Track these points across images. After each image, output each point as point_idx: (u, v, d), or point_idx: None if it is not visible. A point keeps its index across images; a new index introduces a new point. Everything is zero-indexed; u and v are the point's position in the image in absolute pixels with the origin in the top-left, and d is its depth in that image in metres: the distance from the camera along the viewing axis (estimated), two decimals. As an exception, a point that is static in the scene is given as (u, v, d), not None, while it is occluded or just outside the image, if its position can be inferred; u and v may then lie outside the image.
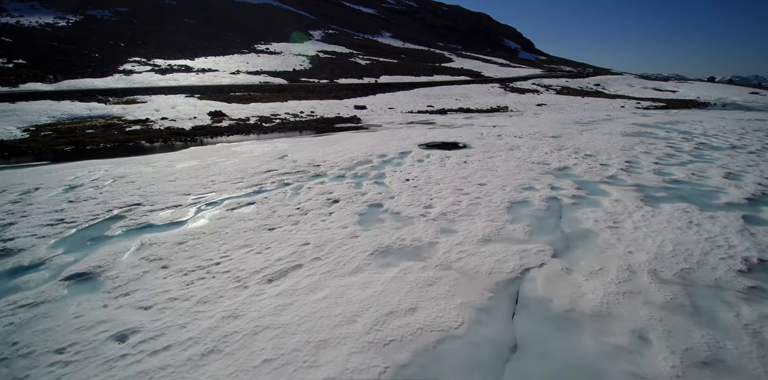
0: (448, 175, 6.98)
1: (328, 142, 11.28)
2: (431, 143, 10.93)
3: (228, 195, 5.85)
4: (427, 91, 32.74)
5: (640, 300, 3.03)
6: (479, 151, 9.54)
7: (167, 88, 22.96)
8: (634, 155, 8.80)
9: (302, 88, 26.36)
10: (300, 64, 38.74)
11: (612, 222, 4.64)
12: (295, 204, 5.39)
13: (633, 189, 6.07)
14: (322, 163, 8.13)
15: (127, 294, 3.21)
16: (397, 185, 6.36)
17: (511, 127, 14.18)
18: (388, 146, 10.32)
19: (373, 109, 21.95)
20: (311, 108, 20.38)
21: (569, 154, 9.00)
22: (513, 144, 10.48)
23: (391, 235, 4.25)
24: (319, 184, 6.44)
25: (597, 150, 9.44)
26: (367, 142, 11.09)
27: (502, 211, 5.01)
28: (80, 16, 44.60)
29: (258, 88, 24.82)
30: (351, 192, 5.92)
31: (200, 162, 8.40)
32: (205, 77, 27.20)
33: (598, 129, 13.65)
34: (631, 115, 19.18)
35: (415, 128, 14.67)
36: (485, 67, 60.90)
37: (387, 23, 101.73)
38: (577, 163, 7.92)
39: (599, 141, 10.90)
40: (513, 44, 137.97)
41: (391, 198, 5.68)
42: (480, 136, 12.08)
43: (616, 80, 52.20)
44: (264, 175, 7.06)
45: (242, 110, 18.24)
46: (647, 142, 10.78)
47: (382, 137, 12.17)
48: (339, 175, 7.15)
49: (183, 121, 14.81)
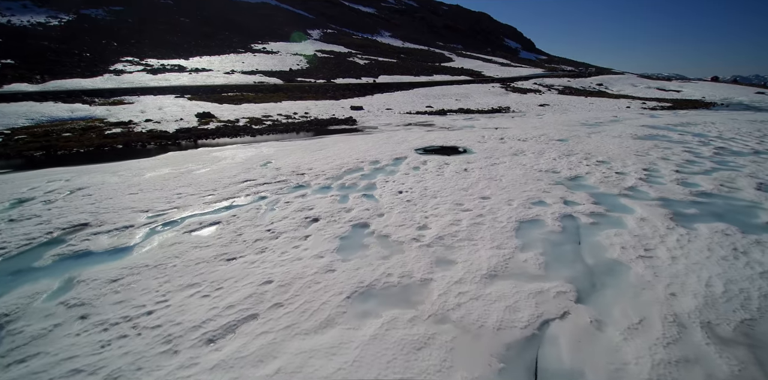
0: (446, 186, 6.21)
1: (319, 146, 10.51)
2: (429, 147, 10.15)
3: (191, 213, 5.07)
4: (427, 91, 31.96)
5: (700, 375, 2.25)
6: (481, 156, 8.76)
7: (157, 88, 22.19)
8: (651, 162, 8.02)
9: (298, 88, 25.58)
10: (297, 64, 37.93)
11: (643, 250, 3.87)
12: (267, 224, 4.61)
13: (658, 204, 5.29)
14: (307, 171, 7.35)
15: (23, 361, 2.44)
16: (388, 199, 5.59)
17: (514, 130, 13.40)
18: (382, 151, 9.54)
19: (370, 109, 21.17)
20: (305, 109, 19.60)
21: (580, 160, 8.22)
22: (517, 148, 9.71)
23: (375, 269, 3.47)
24: (299, 198, 5.67)
25: (609, 155, 8.66)
26: (360, 147, 10.32)
27: (509, 234, 4.23)
28: (73, 15, 43.82)
29: (252, 88, 24.04)
30: (334, 208, 5.14)
31: (173, 170, 7.63)
32: (197, 77, 26.42)
33: (607, 131, 12.87)
34: (638, 116, 18.40)
35: (413, 130, 13.90)
36: (486, 66, 60.09)
37: (386, 23, 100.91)
38: (590, 172, 7.14)
39: (610, 145, 10.12)
40: (513, 44, 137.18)
41: (380, 215, 4.91)
42: (481, 140, 11.31)
43: (619, 80, 51.38)
44: (239, 186, 6.28)
45: (233, 111, 17.46)
46: (662, 146, 9.99)
47: (377, 140, 11.40)
48: (324, 185, 6.37)
49: (167, 123, 14.04)
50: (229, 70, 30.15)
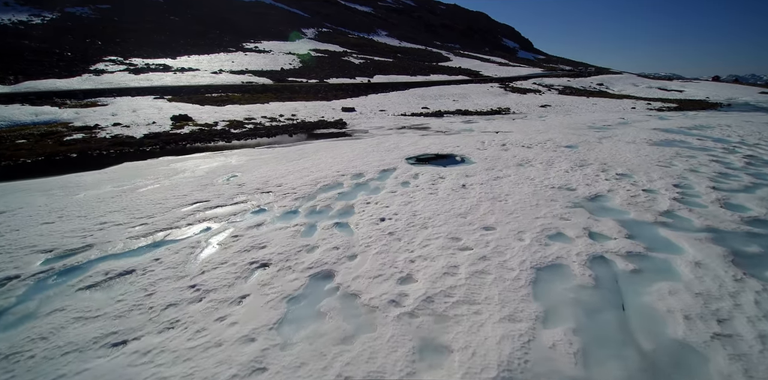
0: (440, 210, 5.04)
1: (298, 155, 9.31)
2: (422, 156, 8.98)
3: (105, 253, 3.88)
4: (423, 91, 30.79)
5: None
6: (481, 167, 7.60)
7: (137, 89, 20.91)
8: (680, 175, 6.88)
9: (287, 89, 24.35)
10: (289, 63, 36.65)
11: (716, 322, 2.72)
12: (195, 274, 3.43)
13: (708, 238, 4.14)
14: (275, 189, 6.17)
15: None
16: (366, 230, 4.41)
17: (517, 134, 12.25)
18: (369, 161, 8.36)
19: (363, 111, 19.97)
20: (293, 110, 18.38)
21: (596, 172, 7.07)
22: (522, 157, 8.55)
23: (327, 366, 2.29)
24: (253, 229, 4.48)
25: (629, 166, 7.51)
26: (344, 155, 9.13)
27: (524, 292, 3.07)
28: (58, 13, 42.32)
29: (238, 88, 22.80)
30: (293, 247, 3.96)
31: (115, 187, 6.42)
32: (182, 77, 25.12)
33: (618, 136, 11.75)
34: (647, 118, 17.29)
35: (406, 135, 12.72)
36: (484, 66, 58.98)
37: (383, 22, 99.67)
38: (612, 189, 5.99)
39: (626, 153, 8.98)
40: (511, 43, 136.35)
41: (352, 258, 3.73)
42: (481, 146, 10.15)
43: (619, 79, 50.41)
44: (184, 211, 5.08)
45: (213, 113, 16.22)
46: (684, 154, 8.87)
47: (365, 147, 10.22)
48: (290, 209, 5.19)
49: (137, 128, 12.79)
50: (216, 70, 28.84)
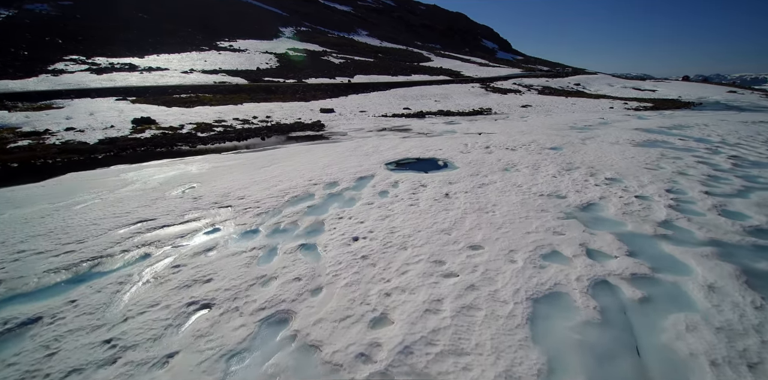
0: (421, 226, 4.48)
1: (268, 161, 8.58)
2: (403, 161, 8.43)
3: (9, 294, 3.12)
4: (405, 91, 30.34)
5: None
6: (465, 173, 7.12)
7: (98, 89, 19.47)
8: (669, 178, 6.60)
9: (263, 89, 23.34)
10: (266, 63, 35.43)
11: (747, 370, 2.27)
12: (116, 321, 2.73)
13: (715, 253, 3.76)
14: (236, 202, 5.46)
15: None
16: (335, 254, 3.81)
17: (500, 135, 11.90)
18: (346, 167, 7.75)
19: (342, 112, 19.28)
20: (268, 112, 17.50)
21: (584, 176, 6.70)
22: (507, 160, 8.13)
23: None
24: (200, 256, 3.79)
25: (617, 170, 7.20)
26: (319, 160, 8.48)
27: (522, 336, 2.54)
28: (15, 10, 39.49)
29: (210, 88, 21.64)
30: (245, 280, 3.31)
31: (50, 204, 5.55)
32: (149, 77, 23.66)
33: (601, 136, 11.57)
34: (626, 118, 17.38)
35: (387, 137, 12.16)
36: (465, 66, 59.21)
37: (363, 21, 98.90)
38: (604, 196, 5.60)
39: (612, 154, 8.72)
40: (490, 44, 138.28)
41: (316, 293, 3.12)
42: (464, 148, 9.70)
43: (595, 79, 51.60)
44: (123, 233, 4.33)
45: (180, 116, 15.16)
46: (669, 155, 8.68)
47: (343, 151, 9.59)
48: (249, 228, 4.51)
49: (92, 133, 11.69)
50: (187, 69, 27.41)
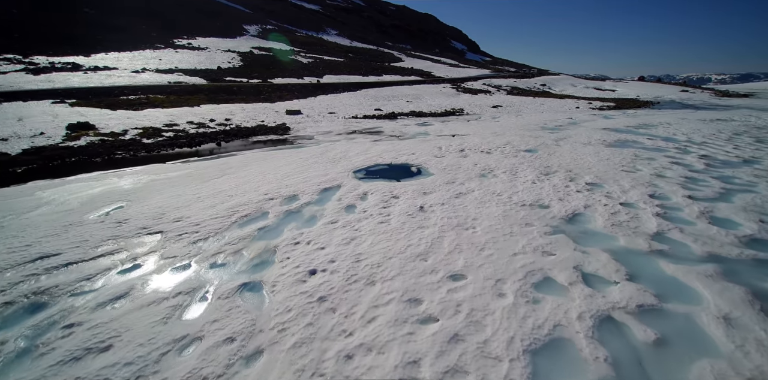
0: (392, 250, 3.82)
1: (219, 171, 7.60)
2: (373, 168, 7.73)
3: None
4: (376, 92, 29.68)
5: None
6: (440, 180, 6.54)
7: (33, 92, 17.28)
8: (648, 181, 6.35)
9: (223, 90, 21.82)
10: (228, 62, 33.52)
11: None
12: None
13: (718, 272, 3.36)
14: (170, 226, 4.54)
15: None
16: (284, 297, 3.05)
17: (474, 137, 11.50)
18: (310, 176, 6.95)
19: (310, 114, 18.30)
20: (228, 114, 16.21)
21: (564, 182, 6.31)
22: (484, 165, 7.65)
23: None
24: (106, 307, 2.91)
25: (596, 173, 6.89)
26: (279, 169, 7.61)
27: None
28: (-65, 0, 34.94)
29: (163, 89, 19.90)
30: (157, 346, 2.49)
31: None
32: (93, 77, 21.44)
33: (573, 137, 11.46)
34: (593, 118, 17.66)
35: (356, 141, 11.42)
36: (435, 67, 59.49)
37: (333, 21, 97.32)
38: (588, 204, 5.18)
39: (587, 156, 8.48)
40: (460, 45, 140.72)
41: (251, 361, 2.39)
42: (438, 152, 9.17)
43: (560, 80, 53.41)
44: (11, 275, 3.34)
45: (126, 119, 13.63)
46: (642, 156, 8.56)
47: (307, 158, 8.76)
48: (179, 263, 3.65)
49: (17, 141, 10.07)
50: (138, 69, 25.21)
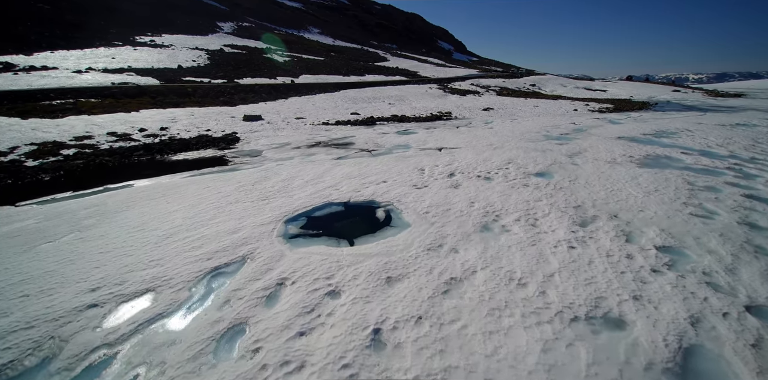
0: None
1: (70, 227, 4.87)
2: (319, 210, 5.12)
3: None
4: (356, 93, 27.04)
5: None
6: (419, 242, 4.01)
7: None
8: (746, 239, 3.96)
9: (175, 91, 18.85)
10: (193, 60, 30.35)
11: None
12: None
13: None
14: None
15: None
16: None
17: (466, 152, 9.04)
18: (206, 234, 4.32)
19: (272, 119, 15.54)
20: (170, 121, 13.35)
21: (619, 244, 3.86)
22: (484, 205, 5.16)
23: None
24: None
25: (657, 223, 4.47)
26: (168, 218, 4.94)
27: None
28: None
29: (100, 92, 16.86)
30: None
31: None
32: (23, 78, 18.15)
33: (589, 151, 9.13)
34: (598, 122, 15.45)
35: (314, 159, 8.79)
36: (421, 66, 57.17)
37: (315, 19, 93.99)
38: (693, 313, 2.72)
39: (624, 185, 6.10)
40: (446, 45, 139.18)
41: None
42: (419, 179, 6.66)
43: (549, 80, 51.81)
44: None
45: (28, 132, 10.66)
46: (698, 183, 6.23)
47: (230, 192, 6.09)
48: None
49: None
50: (82, 68, 21.95)
